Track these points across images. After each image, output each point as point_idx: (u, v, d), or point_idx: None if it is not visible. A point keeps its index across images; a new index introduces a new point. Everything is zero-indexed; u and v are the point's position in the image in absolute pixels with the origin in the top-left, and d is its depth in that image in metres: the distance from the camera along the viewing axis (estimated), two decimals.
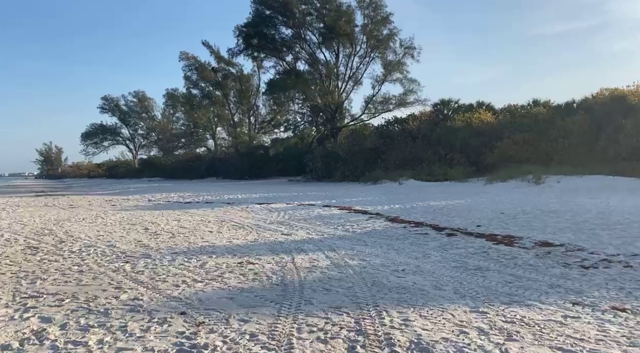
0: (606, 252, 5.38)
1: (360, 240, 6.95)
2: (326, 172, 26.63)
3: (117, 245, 6.58)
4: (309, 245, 6.59)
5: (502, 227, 7.56)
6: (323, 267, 5.05)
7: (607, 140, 17.92)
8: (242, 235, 7.65)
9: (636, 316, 3.37)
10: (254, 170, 35.56)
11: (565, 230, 6.94)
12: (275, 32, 33.08)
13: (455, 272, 4.82)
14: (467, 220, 8.56)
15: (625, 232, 6.53)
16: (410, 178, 20.86)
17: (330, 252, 6.05)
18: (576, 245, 5.82)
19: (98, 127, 66.66)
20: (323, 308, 3.51)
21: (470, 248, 6.01)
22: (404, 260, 5.49)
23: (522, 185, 15.38)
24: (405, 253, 5.88)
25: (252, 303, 3.62)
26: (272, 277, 4.55)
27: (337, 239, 7.14)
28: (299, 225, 8.85)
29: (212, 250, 6.19)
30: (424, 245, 6.43)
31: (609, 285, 4.17)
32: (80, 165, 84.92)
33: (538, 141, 20.11)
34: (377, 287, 4.20)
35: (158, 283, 4.27)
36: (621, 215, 8.09)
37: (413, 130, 25.33)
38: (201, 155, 48.55)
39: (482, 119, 23.43)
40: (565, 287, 4.18)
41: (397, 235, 7.27)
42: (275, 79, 34.15)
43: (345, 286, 4.23)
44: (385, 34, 30.80)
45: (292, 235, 7.68)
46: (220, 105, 43.97)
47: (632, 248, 5.50)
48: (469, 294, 3.99)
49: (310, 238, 7.24)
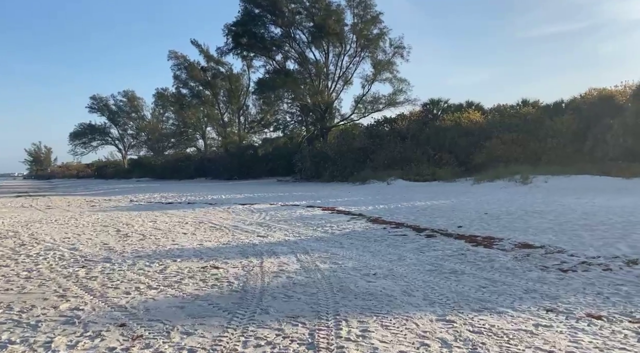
0: (586, 254, 5.18)
1: (337, 242, 6.70)
2: (315, 172, 26.37)
3: (80, 248, 6.26)
4: (282, 248, 6.32)
5: (483, 227, 7.36)
6: (291, 272, 4.79)
7: (595, 140, 17.90)
8: (216, 237, 7.36)
9: (612, 324, 3.15)
10: (244, 170, 35.20)
11: (547, 231, 6.75)
12: (265, 31, 32.76)
13: (429, 276, 4.58)
14: (450, 220, 8.35)
15: (607, 232, 6.36)
16: (398, 179, 20.67)
17: (303, 254, 5.79)
18: (557, 247, 5.62)
19: (87, 126, 65.72)
20: (279, 317, 3.25)
21: (448, 251, 5.79)
22: (378, 263, 5.25)
23: (509, 185, 15.25)
24: (381, 256, 5.64)
25: (203, 312, 3.35)
26: (234, 283, 4.28)
27: (314, 241, 6.89)
28: (277, 227, 8.58)
29: (179, 254, 5.89)
30: (402, 247, 6.19)
31: (586, 290, 3.96)
32: (70, 166, 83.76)
33: (526, 141, 20.06)
34: (343, 293, 3.95)
35: (108, 290, 3.97)
36: (605, 215, 7.94)
37: (402, 130, 25.18)
38: (190, 155, 48.05)
39: (471, 118, 23.34)
40: (541, 292, 3.97)
41: (376, 237, 7.03)
42: (264, 78, 33.82)
43: (310, 292, 3.97)
44: (376, 34, 30.63)
45: (269, 236, 7.41)
46: (210, 104, 43.51)
47: (613, 250, 5.31)
48: (439, 300, 3.76)
49: (286, 240, 6.97)
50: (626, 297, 3.74)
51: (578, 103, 20.85)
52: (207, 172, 39.37)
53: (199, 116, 46.75)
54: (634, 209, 8.42)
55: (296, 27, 32.22)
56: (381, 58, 30.67)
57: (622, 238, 5.93)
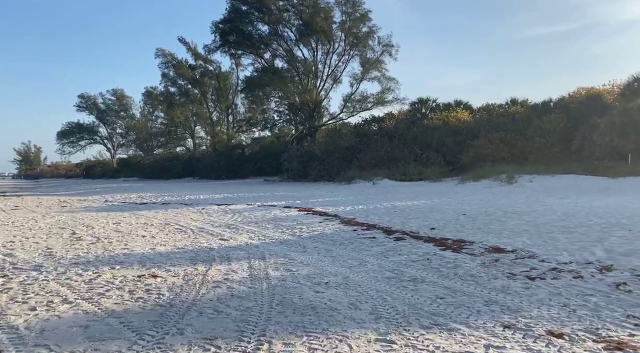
0: (558, 260, 4.80)
1: (300, 246, 6.28)
2: (302, 171, 25.92)
3: (17, 254, 5.77)
4: (240, 253, 5.89)
5: (457, 229, 6.98)
6: (235, 281, 4.36)
7: (582, 140, 17.66)
8: (175, 241, 6.90)
9: (573, 344, 2.76)
10: (232, 170, 34.65)
11: (523, 233, 6.38)
12: (253, 28, 32.26)
13: (385, 285, 4.17)
14: (425, 221, 7.96)
15: (584, 235, 5.99)
16: (384, 178, 20.30)
17: (259, 260, 5.36)
18: (529, 252, 5.24)
19: (74, 125, 64.62)
20: (192, 340, 2.81)
21: (414, 255, 5.38)
22: (335, 269, 4.83)
23: (494, 185, 14.93)
24: (342, 261, 5.22)
25: (107, 333, 2.90)
26: (164, 296, 3.83)
27: (277, 244, 6.46)
28: (246, 229, 8.14)
29: (123, 260, 5.43)
30: (367, 250, 5.78)
31: (552, 301, 3.57)
32: (59, 165, 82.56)
33: (514, 140, 19.80)
34: (282, 307, 3.52)
35: (14, 305, 3.51)
36: (585, 216, 7.60)
37: (390, 129, 24.82)
38: (179, 154, 47.36)
39: (459, 117, 23.04)
40: (503, 303, 3.57)
41: (343, 240, 6.61)
42: (252, 76, 33.32)
43: (244, 306, 3.54)
44: (365, 32, 30.25)
45: (231, 240, 6.97)
46: (198, 103, 42.89)
47: (587, 255, 4.94)
48: (387, 315, 3.35)
49: (248, 244, 6.54)
50: (594, 310, 3.35)
51: (566, 102, 20.63)
52: (195, 171, 38.75)
53: (188, 115, 46.08)
54: (615, 210, 8.09)
55: (284, 24, 31.75)
56: (370, 56, 30.32)
57: (599, 241, 5.57)
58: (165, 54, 42.92)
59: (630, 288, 3.78)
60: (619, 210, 8.08)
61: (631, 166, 14.36)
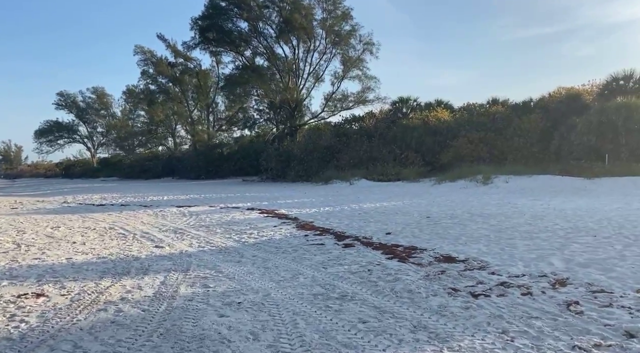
0: (511, 272, 4.26)
1: (238, 255, 5.65)
2: (281, 171, 25.27)
3: None
4: (165, 264, 5.24)
5: (414, 234, 6.42)
6: (132, 301, 3.71)
7: (561, 139, 17.37)
8: (104, 248, 6.21)
9: None
10: (211, 170, 33.80)
11: (481, 239, 5.84)
12: (232, 25, 31.47)
13: (307, 305, 3.57)
14: (384, 225, 7.40)
15: (546, 242, 5.48)
16: (362, 179, 19.77)
17: (179, 273, 4.72)
18: (481, 261, 4.70)
19: (53, 124, 62.82)
20: None
21: (356, 265, 4.80)
22: (260, 284, 4.22)
23: (469, 186, 14.48)
24: (273, 274, 4.61)
25: None
26: (28, 323, 3.17)
27: (214, 253, 5.83)
28: (192, 234, 7.48)
29: (20, 273, 4.74)
30: (307, 260, 5.18)
31: (490, 326, 3.01)
32: (39, 165, 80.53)
33: (494, 140, 19.46)
34: (162, 339, 2.89)
35: None
36: (553, 219, 7.12)
37: (370, 129, 24.32)
38: (158, 154, 46.28)
39: (439, 117, 22.65)
40: (433, 329, 3.00)
41: (288, 247, 6.01)
42: (232, 74, 32.52)
43: (115, 339, 2.90)
44: (347, 30, 29.69)
45: (168, 247, 6.32)
46: (178, 101, 41.88)
47: (543, 266, 4.41)
48: (289, 349, 2.74)
49: (182, 253, 5.90)
50: (536, 338, 2.80)
51: (546, 102, 20.38)
52: (175, 171, 37.78)
53: (168, 113, 45.01)
54: (585, 213, 7.64)
55: (264, 21, 31.05)
56: (352, 55, 29.77)
57: (560, 249, 5.06)
58: (144, 52, 41.82)
59: (582, 308, 3.24)
60: (589, 213, 7.64)
61: (608, 166, 14.06)
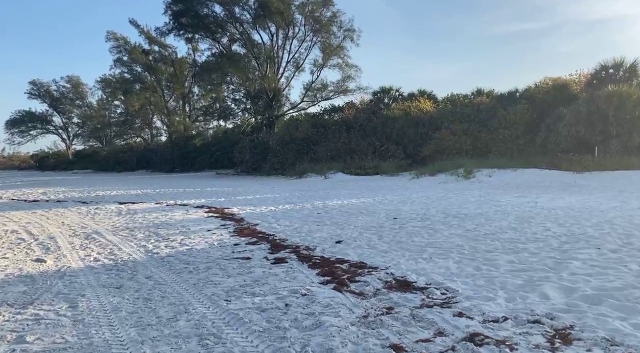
0: (486, 311, 2.92)
1: (129, 274, 4.26)
2: (255, 164, 23.79)
3: None
4: (13, 290, 3.82)
5: (370, 243, 5.09)
6: None
7: (548, 131, 16.32)
8: None
9: None
10: (186, 162, 32.12)
11: (452, 251, 4.54)
12: (207, 9, 29.63)
13: None
14: (339, 229, 6.07)
15: (535, 257, 4.20)
16: (339, 172, 18.43)
17: (6, 311, 3.31)
18: (447, 289, 3.37)
19: (25, 113, 59.89)
20: None
21: (273, 296, 3.43)
22: (114, 335, 2.84)
23: (450, 180, 13.26)
24: (148, 312, 3.24)
25: None
26: None
27: (101, 272, 4.43)
28: (103, 241, 6.06)
29: None
30: (214, 285, 3.80)
31: None
32: (14, 156, 77.40)
33: (478, 132, 18.35)
34: None
35: None
36: (542, 222, 5.88)
37: (349, 120, 22.95)
38: (133, 145, 44.25)
39: (422, 108, 21.39)
40: None
41: (202, 262, 4.63)
42: (207, 61, 30.74)
43: None
44: (328, 17, 28.12)
45: (54, 260, 4.91)
46: (152, 90, 39.83)
47: (534, 300, 3.09)
48: None
49: (59, 271, 4.49)
50: None
51: (532, 92, 19.32)
52: (149, 163, 35.97)
53: (144, 103, 42.90)
54: (579, 213, 6.42)
55: (241, 6, 29.28)
56: (333, 42, 28.25)
57: (555, 269, 3.78)
58: (117, 38, 39.59)
59: None
60: (584, 213, 6.42)
61: (598, 159, 12.98)
